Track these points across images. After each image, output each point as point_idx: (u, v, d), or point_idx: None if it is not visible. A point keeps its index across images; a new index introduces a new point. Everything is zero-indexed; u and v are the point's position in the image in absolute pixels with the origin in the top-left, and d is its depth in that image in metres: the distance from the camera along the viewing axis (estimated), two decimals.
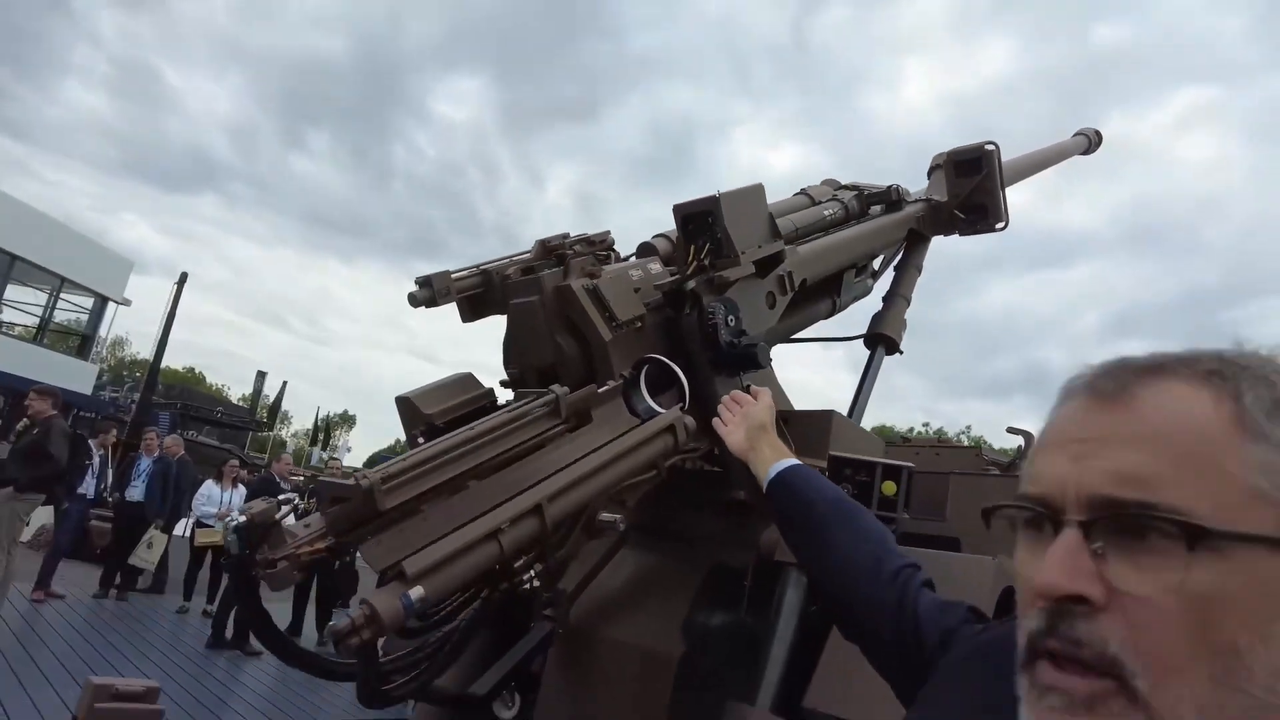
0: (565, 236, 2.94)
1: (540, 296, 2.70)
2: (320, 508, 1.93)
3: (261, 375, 32.86)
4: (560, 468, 2.19)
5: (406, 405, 2.64)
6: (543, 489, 2.07)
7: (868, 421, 3.94)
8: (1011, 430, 4.52)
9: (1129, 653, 0.56)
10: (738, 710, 2.52)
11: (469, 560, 1.88)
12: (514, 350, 2.84)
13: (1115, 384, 0.63)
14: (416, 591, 1.73)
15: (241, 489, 10.22)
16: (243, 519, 1.75)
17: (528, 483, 2.12)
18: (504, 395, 2.83)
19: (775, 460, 1.51)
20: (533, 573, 2.37)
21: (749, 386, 1.73)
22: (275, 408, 34.79)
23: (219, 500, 9.90)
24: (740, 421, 1.65)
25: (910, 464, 2.57)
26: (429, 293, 2.86)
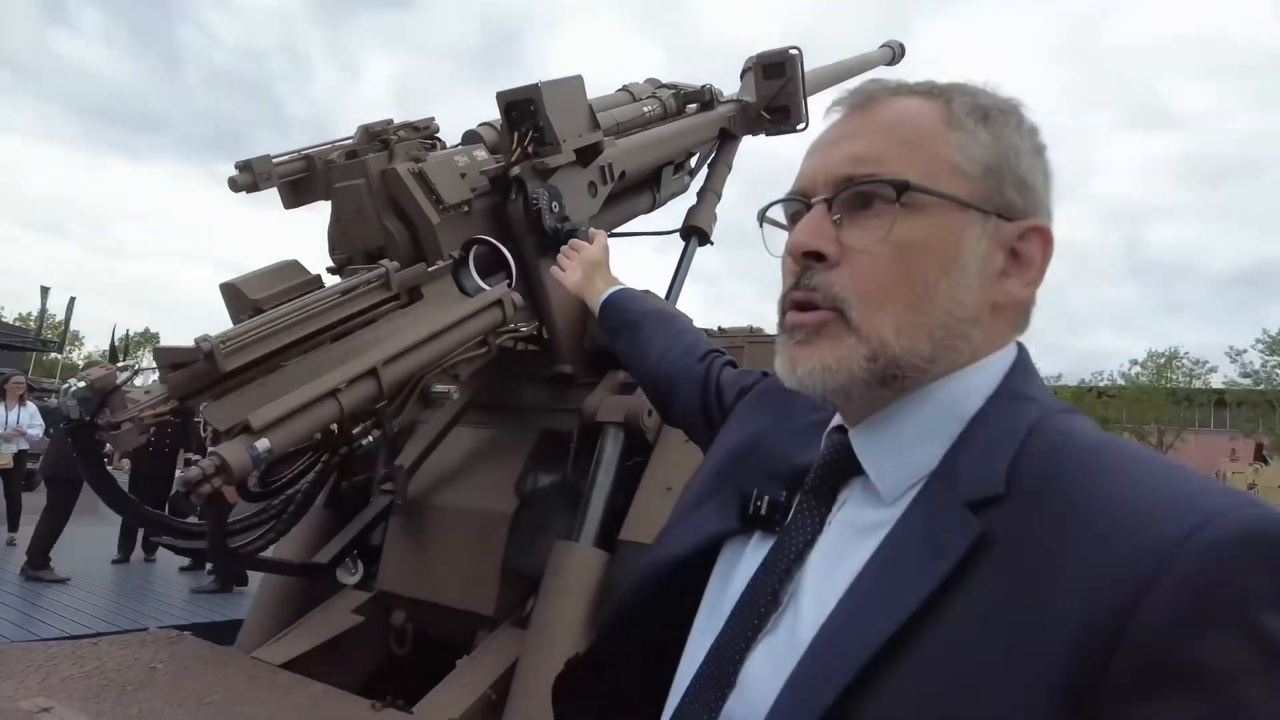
0: (389, 122, 3.00)
1: (365, 180, 2.78)
2: (161, 376, 2.01)
3: (45, 291, 29.42)
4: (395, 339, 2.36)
5: (232, 292, 2.67)
6: (378, 353, 2.24)
7: (702, 321, 4.28)
8: None
9: (848, 292, 0.71)
10: (563, 547, 2.87)
11: (311, 416, 2.04)
12: (340, 234, 2.91)
13: (864, 97, 0.77)
14: (263, 443, 1.88)
15: (31, 406, 9.39)
16: (82, 384, 1.81)
17: (364, 351, 2.28)
18: (332, 282, 2.92)
19: (607, 288, 1.59)
20: (371, 438, 2.56)
21: (587, 231, 1.86)
22: (65, 327, 31.47)
23: (3, 420, 9.06)
24: (577, 264, 1.68)
25: (704, 327, 2.94)
26: (250, 177, 2.86)
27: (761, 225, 0.85)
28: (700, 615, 0.82)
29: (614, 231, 4.24)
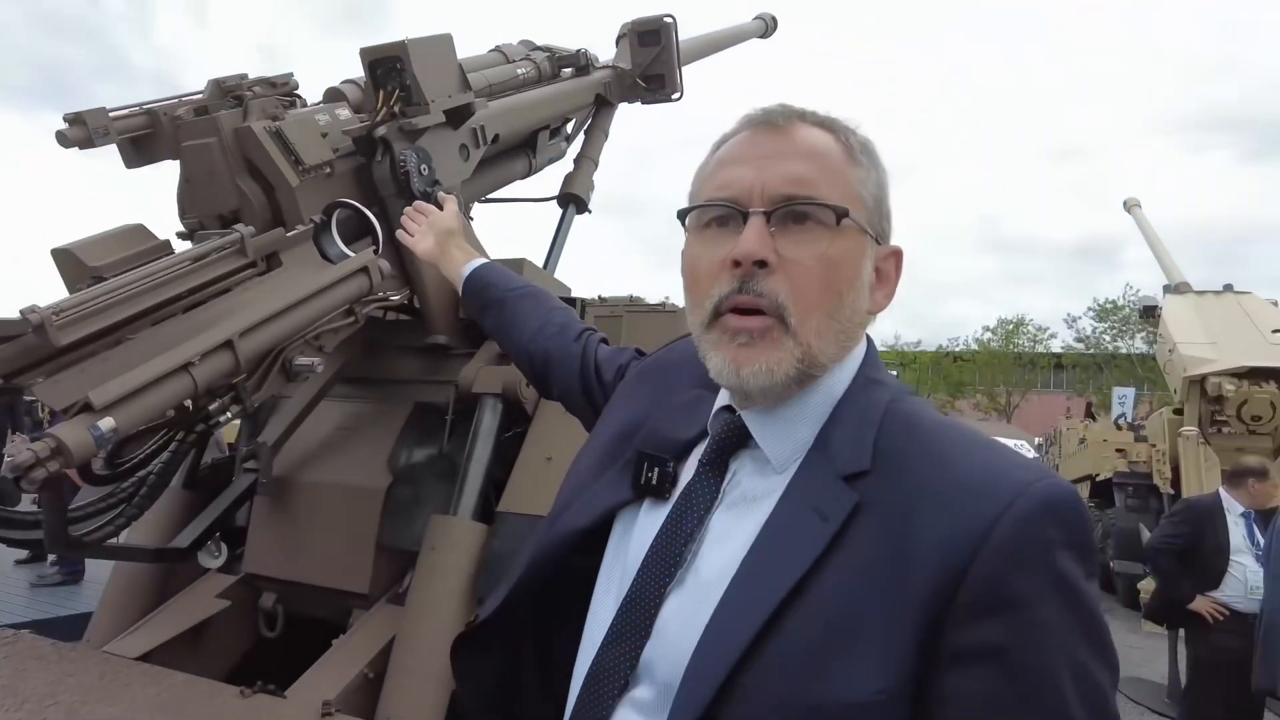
0: (243, 77, 2.80)
1: (218, 139, 2.59)
2: None
3: None
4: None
5: (67, 258, 2.44)
6: (234, 324, 2.11)
7: (581, 290, 4.26)
8: None
9: (788, 299, 0.81)
10: (441, 521, 2.82)
11: (161, 392, 1.90)
12: (190, 197, 2.71)
13: (782, 118, 0.88)
14: (107, 422, 1.74)
15: None
16: None
17: (219, 322, 2.14)
18: (182, 248, 2.72)
19: (467, 261, 1.57)
20: (229, 414, 2.42)
21: (434, 196, 1.78)
22: None
23: None
24: (427, 229, 1.65)
25: (584, 296, 2.93)
26: (83, 132, 2.61)
27: (683, 222, 0.92)
28: (602, 577, 0.91)
29: (489, 197, 4.15)
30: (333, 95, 3.11)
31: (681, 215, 0.92)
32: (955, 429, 0.82)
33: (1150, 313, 11.62)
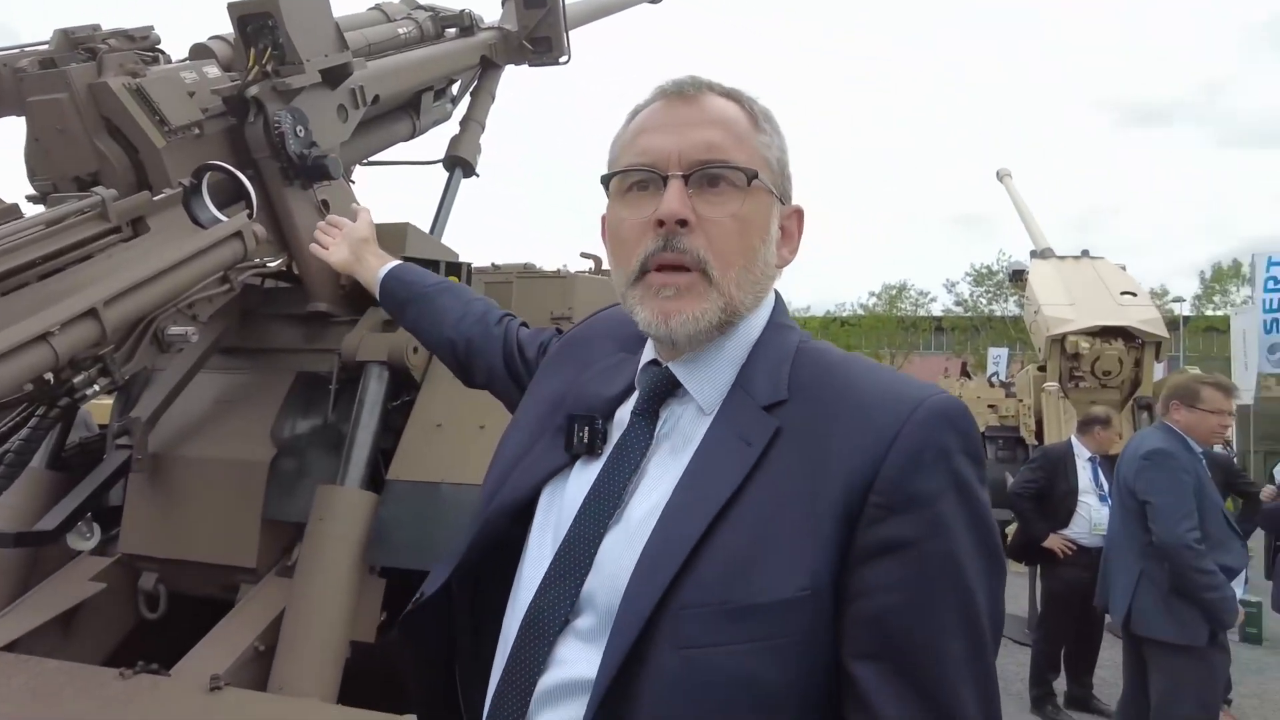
0: (96, 28, 2.63)
1: (69, 94, 2.43)
2: None
3: None
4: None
5: None
6: (98, 291, 2.01)
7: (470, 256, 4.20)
8: (583, 255, 5.35)
9: (709, 254, 0.88)
10: (328, 491, 2.78)
11: (17, 364, 1.80)
12: (40, 157, 2.54)
13: (693, 89, 0.95)
14: None
15: None
16: None
17: (81, 289, 2.04)
18: (34, 212, 2.55)
19: (382, 265, 1.66)
20: (96, 388, 2.31)
21: (337, 162, 1.81)
22: None
23: None
24: (342, 240, 1.75)
25: (470, 261, 2.92)
26: None
27: (608, 186, 0.98)
28: (534, 535, 0.95)
29: (371, 160, 4.05)
30: (199, 52, 2.96)
31: (605, 181, 0.99)
32: (858, 360, 0.93)
33: (1019, 277, 12.40)
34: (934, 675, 0.74)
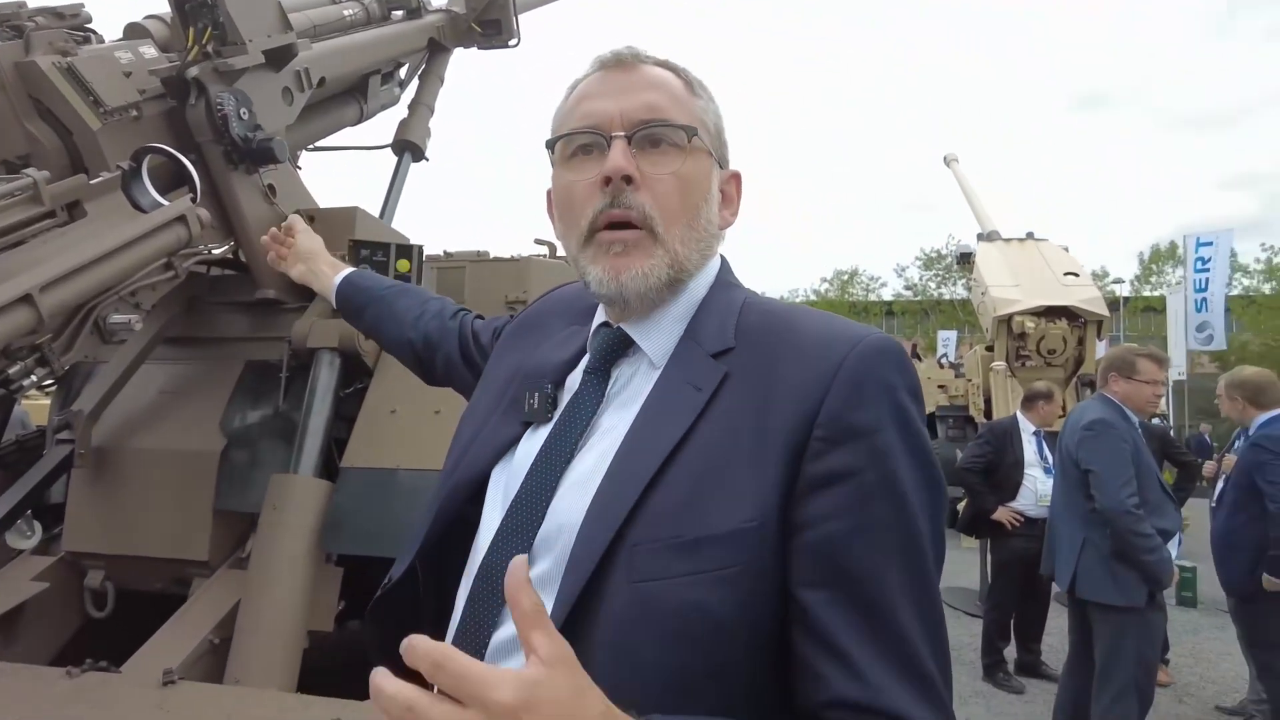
0: (21, 4, 2.53)
1: None
2: None
3: None
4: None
5: None
6: (32, 277, 1.94)
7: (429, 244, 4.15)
8: (537, 241, 5.30)
9: (654, 211, 0.91)
10: (281, 480, 2.73)
11: None
12: None
13: (630, 57, 0.97)
14: None
15: None
16: None
17: (14, 275, 1.96)
18: None
19: (336, 273, 1.69)
20: (34, 378, 2.24)
21: (283, 144, 1.81)
22: None
23: None
24: (294, 257, 1.78)
25: (421, 244, 2.88)
26: None
27: (552, 149, 0.99)
28: (488, 503, 0.96)
29: (318, 145, 3.97)
30: (135, 31, 2.87)
31: (550, 145, 1.00)
32: (802, 308, 0.96)
33: (966, 259, 12.67)
34: (878, 600, 0.76)
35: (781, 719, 0.79)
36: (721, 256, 1.04)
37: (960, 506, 6.09)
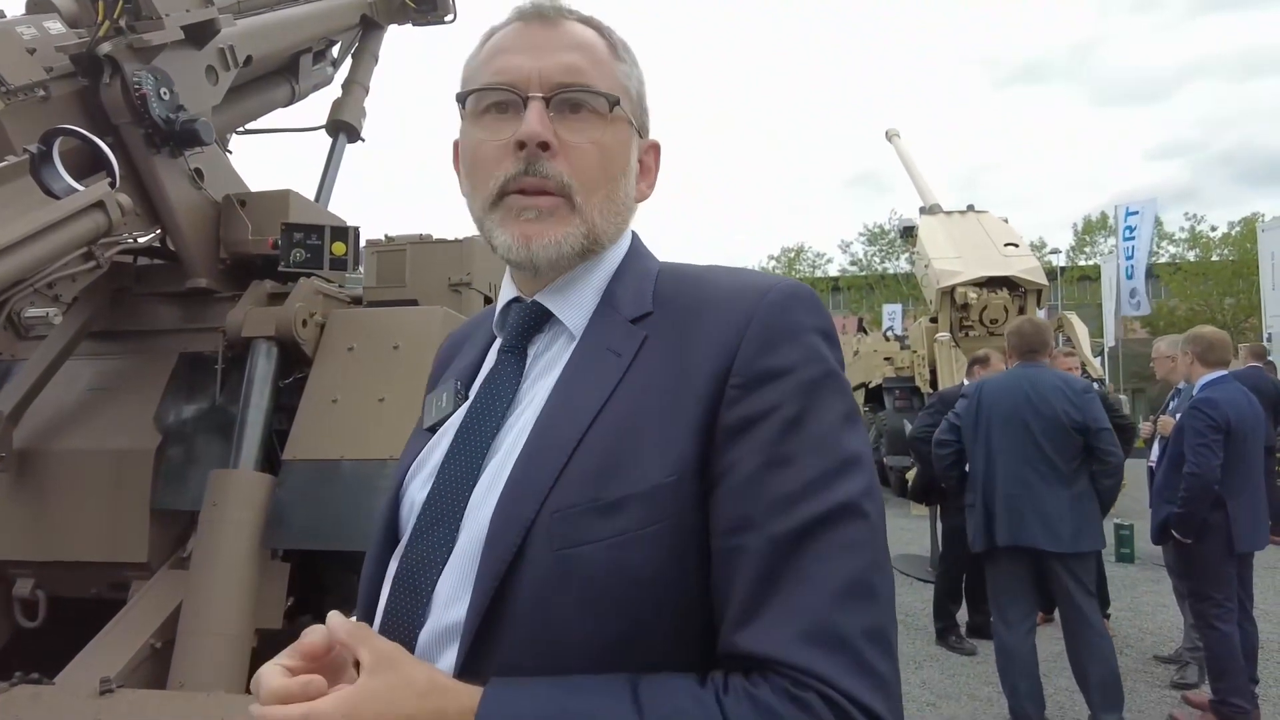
0: None
1: None
2: None
3: None
4: None
5: None
6: None
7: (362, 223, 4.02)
8: None
9: (572, 180, 0.86)
10: (221, 476, 2.63)
11: None
12: None
13: (552, 11, 0.91)
14: None
15: None
16: None
17: None
18: None
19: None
20: None
21: (209, 126, 1.61)
22: None
23: None
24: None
25: (357, 226, 2.79)
26: None
27: (464, 103, 0.93)
28: (404, 500, 0.93)
29: (249, 127, 3.82)
30: (39, 6, 2.70)
31: (461, 99, 0.94)
32: (716, 267, 0.94)
33: (910, 233, 12.84)
34: (785, 540, 0.74)
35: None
36: (634, 233, 1.01)
37: (909, 476, 6.19)
